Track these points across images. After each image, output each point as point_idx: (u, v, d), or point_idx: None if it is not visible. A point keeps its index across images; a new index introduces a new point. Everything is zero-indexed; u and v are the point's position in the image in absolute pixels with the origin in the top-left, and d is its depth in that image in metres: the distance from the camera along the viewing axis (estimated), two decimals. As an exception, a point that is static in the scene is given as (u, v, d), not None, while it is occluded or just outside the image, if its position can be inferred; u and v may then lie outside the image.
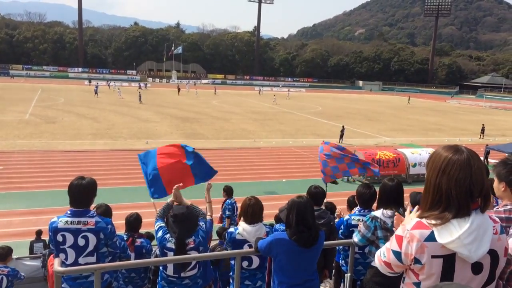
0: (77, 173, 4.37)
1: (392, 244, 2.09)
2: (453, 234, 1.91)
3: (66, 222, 4.04)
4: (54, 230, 4.05)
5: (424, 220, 2.00)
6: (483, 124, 36.96)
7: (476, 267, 1.98)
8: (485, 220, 1.99)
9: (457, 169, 1.95)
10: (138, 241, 5.64)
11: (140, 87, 64.97)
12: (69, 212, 4.09)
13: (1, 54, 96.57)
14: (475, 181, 1.94)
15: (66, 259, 4.07)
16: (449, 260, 1.96)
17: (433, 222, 1.96)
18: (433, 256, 1.95)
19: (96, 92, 55.11)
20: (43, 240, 10.40)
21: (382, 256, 2.17)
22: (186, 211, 4.30)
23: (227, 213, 10.12)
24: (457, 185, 1.94)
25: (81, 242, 4.05)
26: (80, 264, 4.03)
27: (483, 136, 34.93)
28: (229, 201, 10.25)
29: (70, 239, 4.03)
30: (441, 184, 1.98)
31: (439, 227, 1.94)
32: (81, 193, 4.07)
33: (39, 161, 21.42)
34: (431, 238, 1.95)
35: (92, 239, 4.07)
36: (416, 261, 1.99)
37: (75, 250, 4.06)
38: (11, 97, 48.42)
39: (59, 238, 4.04)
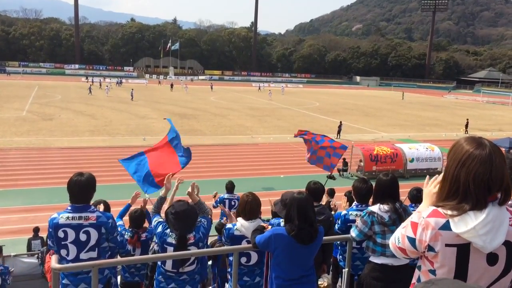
0: (75, 170, 4.37)
1: (407, 230, 2.10)
2: (468, 224, 1.91)
3: (67, 218, 4.04)
4: (55, 226, 4.04)
5: (440, 209, 2.00)
6: (467, 119, 36.79)
7: (492, 258, 1.97)
8: (502, 212, 1.98)
9: (477, 164, 1.92)
10: (143, 236, 5.67)
11: (118, 84, 66.43)
12: (69, 208, 4.10)
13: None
14: (494, 177, 1.92)
15: (68, 254, 4.08)
16: (463, 250, 1.95)
17: (449, 212, 1.96)
18: (447, 245, 1.96)
19: (90, 90, 53.91)
20: (40, 237, 10.40)
21: (396, 242, 2.18)
22: (187, 208, 4.29)
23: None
24: (476, 179, 1.92)
25: (82, 237, 4.05)
26: (82, 260, 4.04)
27: (467, 131, 34.72)
28: (221, 197, 10.08)
29: (71, 234, 4.04)
30: (459, 177, 1.96)
31: (456, 218, 1.94)
32: (81, 189, 4.08)
33: (36, 159, 21.38)
34: (446, 227, 1.95)
35: (94, 234, 4.08)
36: (430, 248, 1.99)
37: (77, 245, 4.07)
38: (8, 94, 48.26)
39: (61, 234, 4.04)
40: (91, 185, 4.14)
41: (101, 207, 4.94)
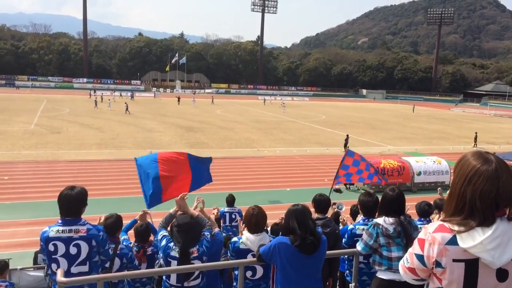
0: (82, 183, 4.39)
1: (414, 248, 2.08)
2: (475, 239, 1.88)
3: (58, 231, 4.01)
4: (46, 240, 4.02)
5: (446, 224, 1.98)
6: (476, 132, 36.44)
7: (501, 274, 1.94)
8: (511, 227, 1.95)
9: (483, 181, 1.90)
10: (149, 250, 5.67)
11: (124, 96, 67.74)
12: (60, 221, 4.06)
13: (7, 65, 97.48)
14: (502, 193, 1.90)
15: (58, 269, 4.04)
16: (471, 265, 1.92)
17: (456, 228, 1.94)
18: (454, 260, 1.93)
19: (96, 104, 54.33)
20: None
21: (405, 263, 2.15)
22: (190, 221, 4.30)
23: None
24: (482, 197, 1.90)
25: (73, 250, 4.01)
26: (73, 274, 3.98)
27: (476, 144, 34.31)
28: (222, 211, 10.05)
29: (61, 248, 4.00)
30: (466, 194, 1.94)
31: (463, 234, 1.91)
32: (70, 203, 4.04)
33: (44, 171, 21.49)
34: (452, 242, 1.93)
35: (84, 247, 4.04)
36: (437, 264, 1.97)
37: (67, 259, 4.03)
38: (17, 108, 48.76)
39: (51, 247, 4.01)
40: (81, 199, 4.09)
41: (102, 218, 4.94)
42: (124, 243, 5.37)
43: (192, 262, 4.13)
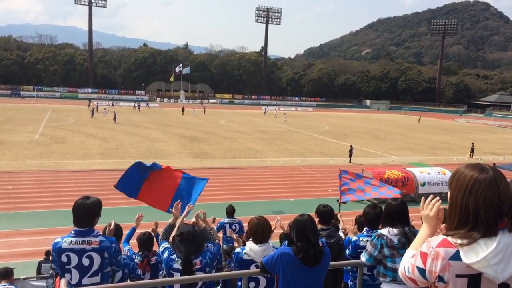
0: (86, 193, 4.40)
1: (416, 260, 2.06)
2: (479, 254, 1.87)
3: (71, 242, 4.02)
4: (58, 251, 4.03)
5: (449, 238, 1.97)
6: (472, 143, 36.10)
7: None
8: None
9: (485, 189, 1.91)
10: (153, 259, 5.65)
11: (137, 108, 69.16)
12: (73, 232, 4.08)
13: (13, 75, 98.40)
14: (504, 200, 1.91)
15: (71, 279, 4.05)
16: (474, 280, 1.92)
17: (459, 241, 1.92)
18: (457, 275, 1.92)
19: (92, 113, 54.62)
20: (51, 261, 10.39)
21: (406, 272, 2.13)
22: (192, 230, 4.28)
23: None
24: (486, 205, 1.90)
25: (85, 262, 4.02)
26: (85, 285, 3.99)
27: (472, 155, 34.10)
28: (221, 222, 10.03)
29: (74, 259, 4.01)
30: (468, 205, 1.94)
31: (465, 248, 1.90)
32: (84, 212, 4.05)
33: (48, 181, 21.56)
34: (456, 257, 1.91)
35: (97, 259, 4.05)
36: (440, 279, 1.96)
37: (80, 270, 4.03)
38: (22, 118, 49.05)
39: (64, 258, 4.02)
40: (95, 209, 4.11)
41: (112, 223, 4.96)
42: (128, 253, 5.37)
43: (195, 274, 4.12)
